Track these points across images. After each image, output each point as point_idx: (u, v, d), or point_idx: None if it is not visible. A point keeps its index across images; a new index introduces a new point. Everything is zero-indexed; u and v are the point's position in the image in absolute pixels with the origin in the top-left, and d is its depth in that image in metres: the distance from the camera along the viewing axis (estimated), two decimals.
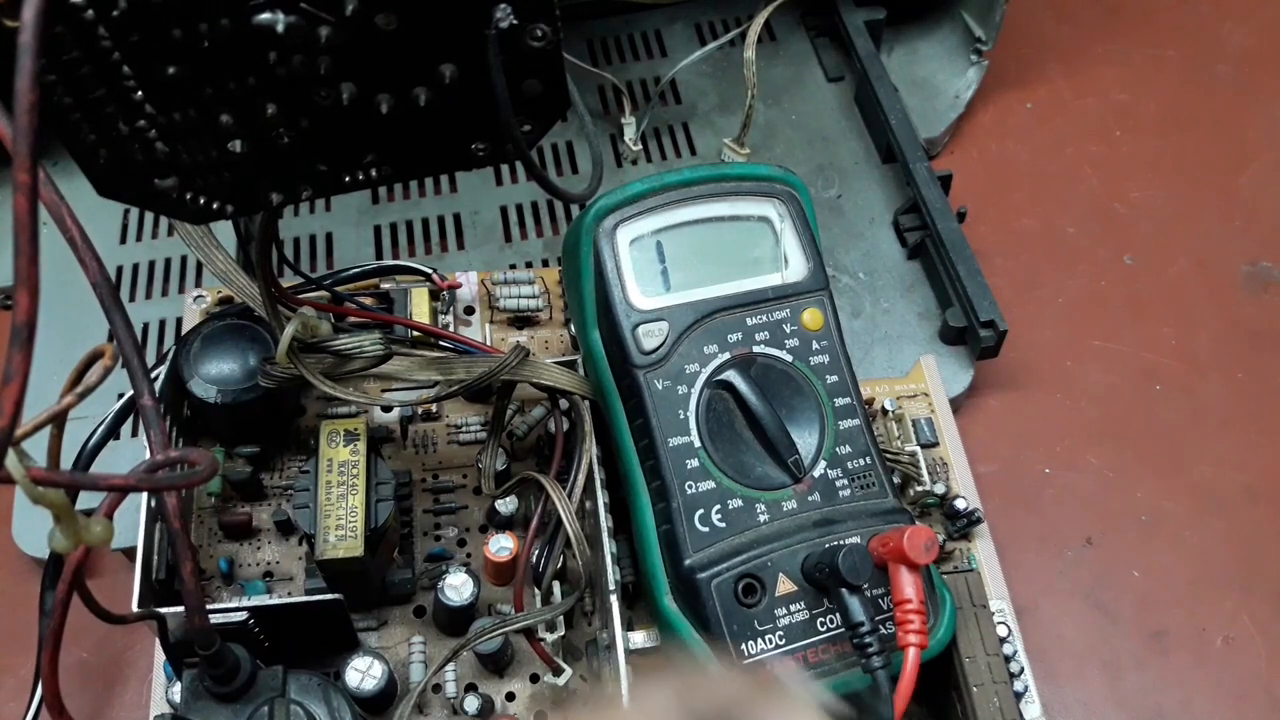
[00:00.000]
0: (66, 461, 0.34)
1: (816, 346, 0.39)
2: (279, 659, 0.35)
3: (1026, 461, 0.52)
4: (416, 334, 0.44)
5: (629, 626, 0.37)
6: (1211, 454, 0.52)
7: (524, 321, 0.48)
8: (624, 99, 0.59)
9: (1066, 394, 0.54)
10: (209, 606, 0.33)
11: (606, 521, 0.38)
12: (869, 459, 0.38)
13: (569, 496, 0.39)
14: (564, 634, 0.38)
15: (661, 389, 0.37)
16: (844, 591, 0.34)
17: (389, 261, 0.50)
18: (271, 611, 0.36)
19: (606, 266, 0.38)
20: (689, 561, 0.35)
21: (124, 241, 0.56)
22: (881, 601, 0.35)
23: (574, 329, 0.43)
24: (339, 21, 0.25)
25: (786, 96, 0.63)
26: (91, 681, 0.45)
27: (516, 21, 0.26)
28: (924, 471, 0.45)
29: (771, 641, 0.35)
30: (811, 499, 0.37)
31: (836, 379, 0.39)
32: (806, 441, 0.37)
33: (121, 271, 0.55)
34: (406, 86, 0.27)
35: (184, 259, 0.55)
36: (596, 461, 0.40)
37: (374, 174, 0.29)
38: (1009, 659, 0.39)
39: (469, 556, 0.42)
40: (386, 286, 0.47)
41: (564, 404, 0.42)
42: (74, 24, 0.23)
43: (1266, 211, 0.61)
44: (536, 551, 0.39)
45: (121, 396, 0.41)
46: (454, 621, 0.39)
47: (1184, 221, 0.61)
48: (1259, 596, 0.48)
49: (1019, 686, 0.40)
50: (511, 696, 0.39)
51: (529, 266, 0.55)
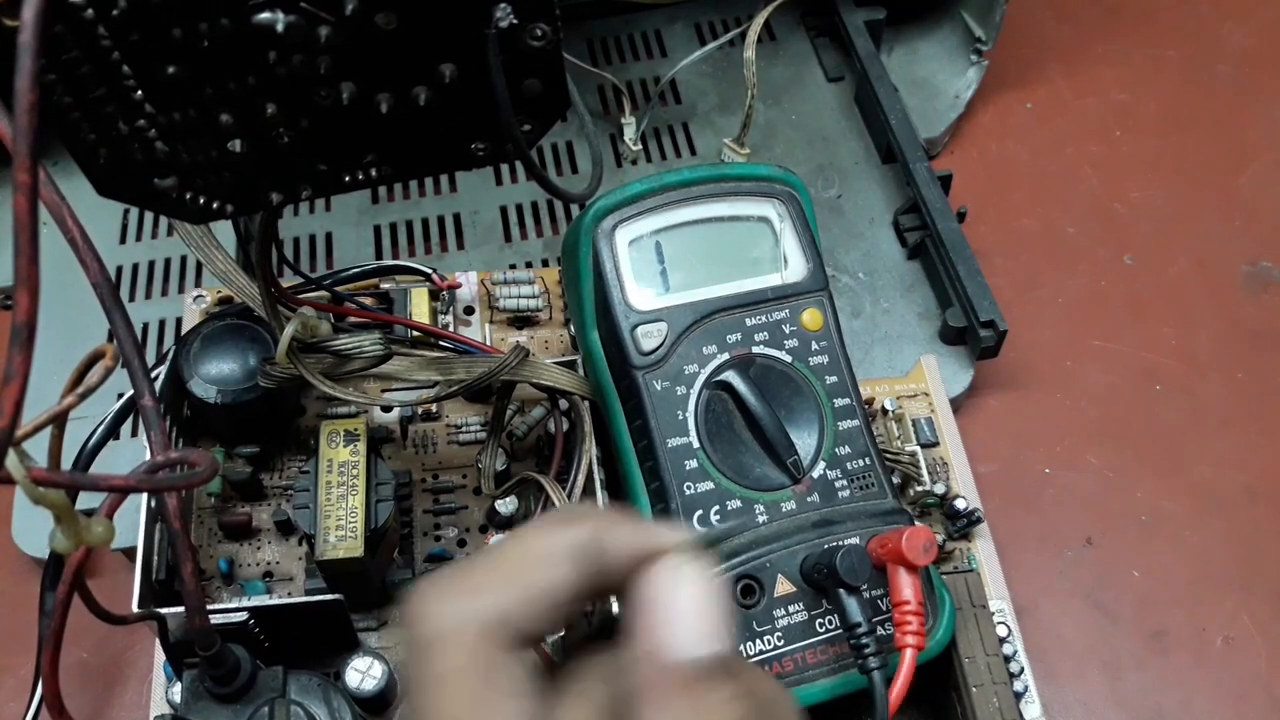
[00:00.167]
0: (66, 461, 0.34)
1: (816, 347, 0.39)
2: (279, 659, 0.35)
3: (1026, 461, 0.52)
4: (416, 334, 0.44)
5: None
6: (1211, 454, 0.52)
7: (524, 321, 0.48)
8: (624, 99, 0.59)
9: (1066, 394, 0.54)
10: (209, 607, 0.33)
11: None
12: (868, 460, 0.38)
13: (569, 497, 0.39)
14: (563, 634, 0.38)
15: (660, 390, 0.37)
16: (842, 592, 0.34)
17: (389, 261, 0.50)
18: (271, 612, 0.36)
19: (606, 267, 0.38)
20: None
21: (124, 241, 0.56)
22: (880, 602, 0.35)
23: (573, 329, 0.43)
24: (339, 21, 0.25)
25: (786, 96, 0.63)
26: (91, 681, 0.45)
27: (516, 21, 0.26)
28: (924, 471, 0.45)
29: (770, 642, 0.35)
30: (810, 500, 0.37)
31: (836, 379, 0.39)
32: (806, 442, 0.37)
33: (121, 271, 0.55)
34: (406, 86, 0.27)
35: (184, 259, 0.55)
36: (596, 462, 0.40)
37: (374, 174, 0.29)
38: (1009, 659, 0.39)
39: (469, 557, 0.42)
40: (386, 286, 0.47)
41: (564, 404, 0.42)
42: (74, 24, 0.23)
43: (1266, 211, 0.61)
44: None
45: (121, 396, 0.41)
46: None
47: (1184, 221, 0.61)
48: (1259, 596, 0.48)
49: (1019, 686, 0.40)
50: None
51: (529, 266, 0.55)
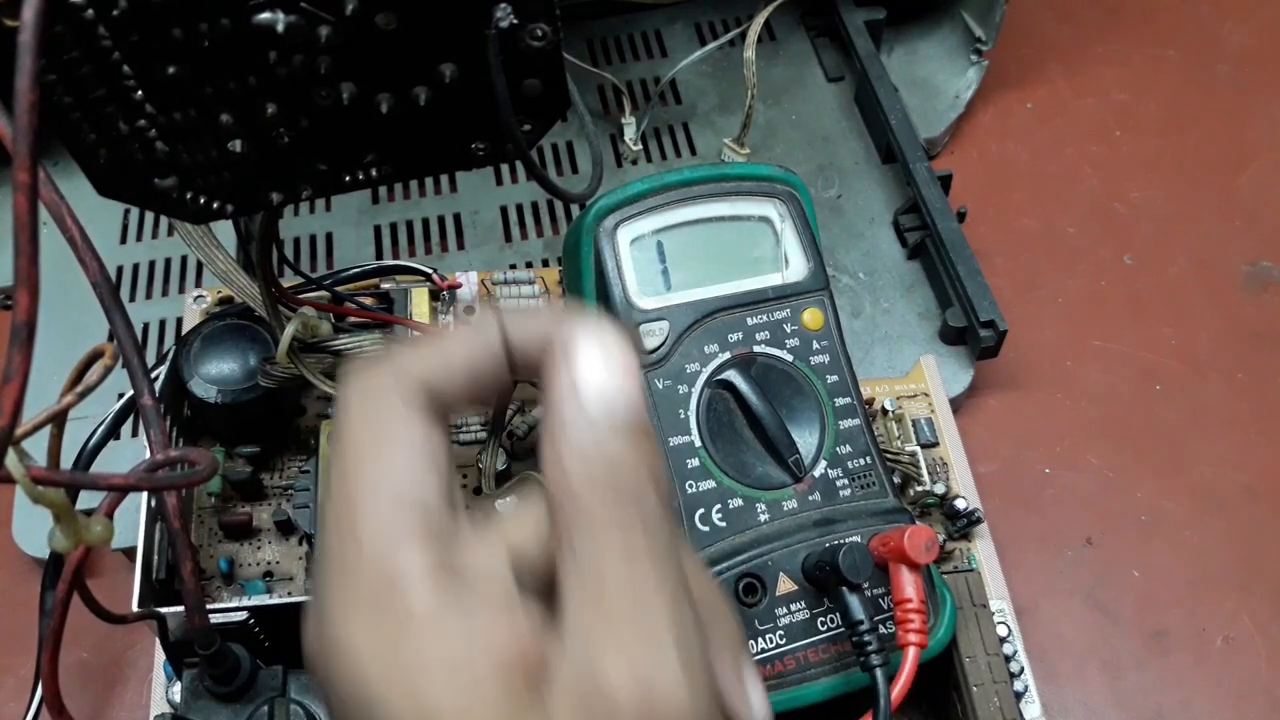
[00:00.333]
0: (66, 461, 0.34)
1: (817, 346, 0.39)
2: (279, 659, 0.35)
3: (1026, 461, 0.52)
4: (416, 334, 0.44)
5: None
6: (1211, 454, 0.52)
7: None
8: (624, 99, 0.59)
9: (1066, 394, 0.54)
10: (209, 606, 0.33)
11: None
12: (869, 459, 0.38)
13: None
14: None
15: (662, 388, 0.37)
16: (844, 590, 0.34)
17: (389, 261, 0.50)
18: (271, 611, 0.36)
19: (607, 266, 0.38)
20: None
21: (124, 241, 0.56)
22: (881, 601, 0.35)
23: None
24: (339, 21, 0.25)
25: (786, 96, 0.63)
26: (91, 681, 0.45)
27: (516, 21, 0.26)
28: (924, 471, 0.45)
29: (772, 640, 0.35)
30: (812, 499, 0.37)
31: (837, 379, 0.39)
32: (807, 441, 0.37)
33: (121, 271, 0.55)
34: (406, 86, 0.27)
35: (184, 259, 0.55)
36: None
37: (374, 174, 0.29)
38: (1009, 659, 0.39)
39: None
40: (386, 286, 0.47)
41: None
42: (74, 24, 0.23)
43: (1266, 211, 0.61)
44: None
45: (122, 396, 0.41)
46: None
47: (1184, 221, 0.61)
48: (1259, 596, 0.48)
49: (1019, 686, 0.40)
50: None
51: (529, 266, 0.55)
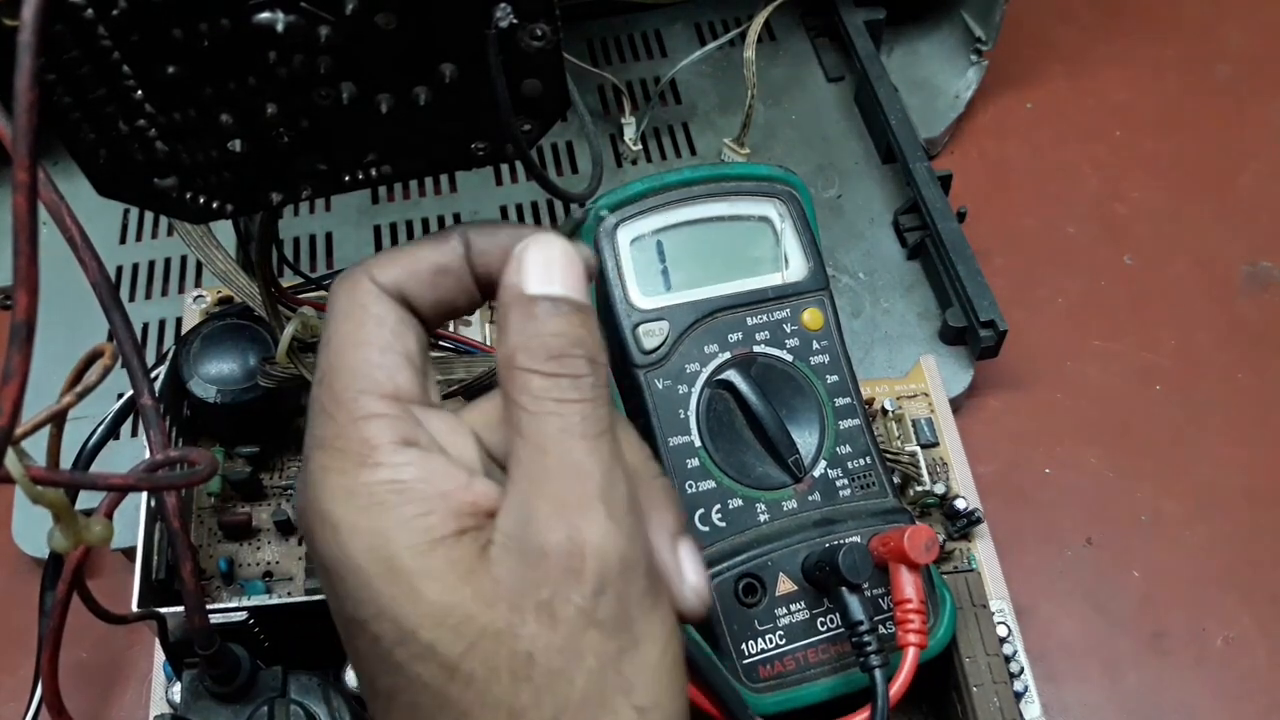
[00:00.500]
0: (66, 461, 0.34)
1: (817, 346, 0.39)
2: (279, 659, 0.35)
3: (1026, 461, 0.52)
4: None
5: None
6: (1211, 454, 0.52)
7: None
8: (624, 99, 0.59)
9: (1066, 394, 0.54)
10: (209, 606, 0.33)
11: None
12: (869, 459, 0.38)
13: None
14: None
15: (662, 388, 0.37)
16: (844, 590, 0.34)
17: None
18: (271, 611, 0.36)
19: (607, 266, 0.38)
20: None
21: (124, 241, 0.56)
22: (881, 601, 0.35)
23: None
24: (339, 21, 0.25)
25: (786, 96, 0.63)
26: (91, 681, 0.45)
27: (516, 21, 0.26)
28: (924, 471, 0.45)
29: (771, 641, 0.35)
30: (812, 499, 0.37)
31: (837, 379, 0.39)
32: (807, 441, 0.37)
33: (121, 271, 0.55)
34: (406, 86, 0.27)
35: (184, 259, 0.55)
36: None
37: (374, 174, 0.29)
38: (1009, 659, 0.39)
39: None
40: None
41: None
42: (74, 23, 0.23)
43: (1266, 211, 0.61)
44: None
45: (121, 396, 0.41)
46: None
47: (1184, 221, 0.61)
48: (1259, 596, 0.48)
49: (1019, 686, 0.40)
50: None
51: None
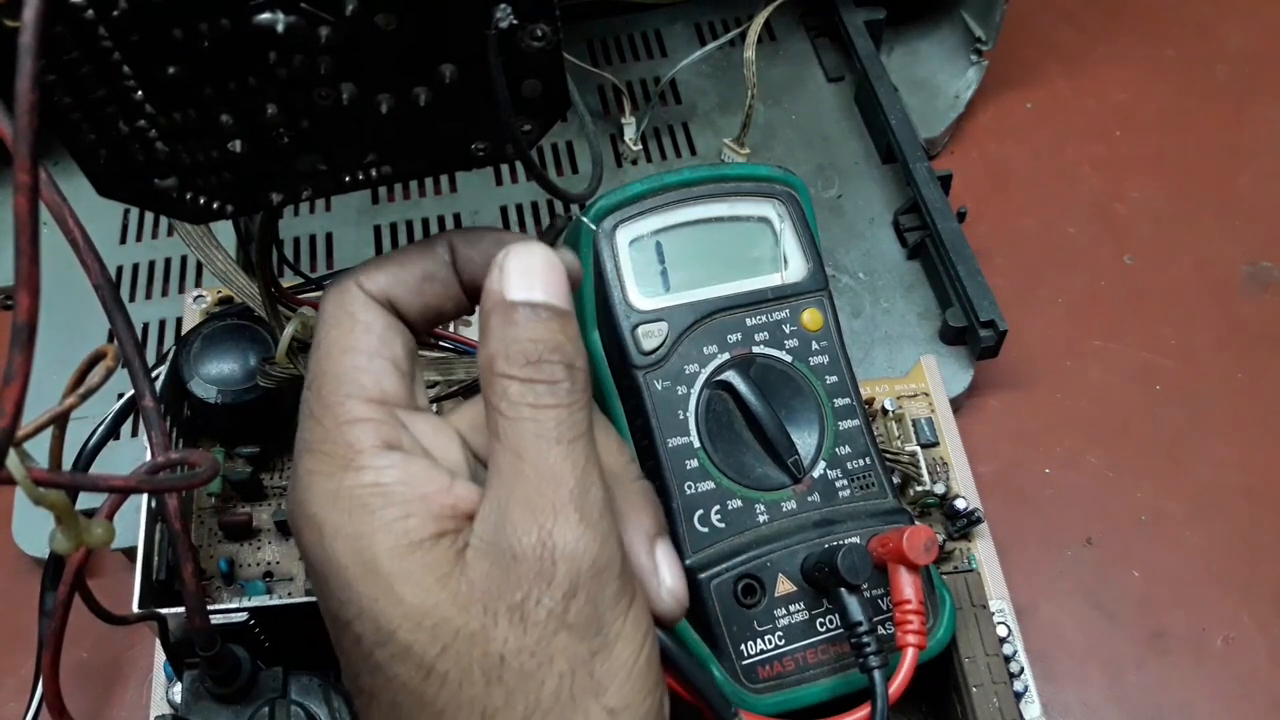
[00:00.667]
0: (67, 462, 0.34)
1: (816, 347, 0.39)
2: (279, 660, 0.35)
3: (1026, 461, 0.52)
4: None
5: None
6: (1211, 454, 0.52)
7: None
8: (624, 99, 0.59)
9: (1066, 394, 0.54)
10: (209, 607, 0.33)
11: None
12: (869, 459, 0.38)
13: None
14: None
15: (661, 389, 0.37)
16: (843, 591, 0.34)
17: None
18: (272, 612, 0.36)
19: (606, 267, 0.38)
20: (688, 562, 0.35)
21: (124, 241, 0.56)
22: (881, 602, 0.35)
23: None
24: (339, 21, 0.25)
25: (786, 96, 0.63)
26: (91, 682, 0.45)
27: (516, 21, 0.26)
28: (924, 471, 0.45)
29: (771, 642, 0.35)
30: (811, 499, 0.37)
31: (836, 379, 0.39)
32: (806, 442, 0.37)
33: (121, 271, 0.55)
34: (406, 86, 0.27)
35: (184, 259, 0.55)
36: None
37: (374, 174, 0.29)
38: (1009, 659, 0.39)
39: None
40: None
41: None
42: (74, 24, 0.23)
43: (1266, 211, 0.61)
44: None
45: (122, 397, 0.41)
46: None
47: (1184, 221, 0.61)
48: (1259, 596, 0.48)
49: (1019, 686, 0.40)
50: None
51: None
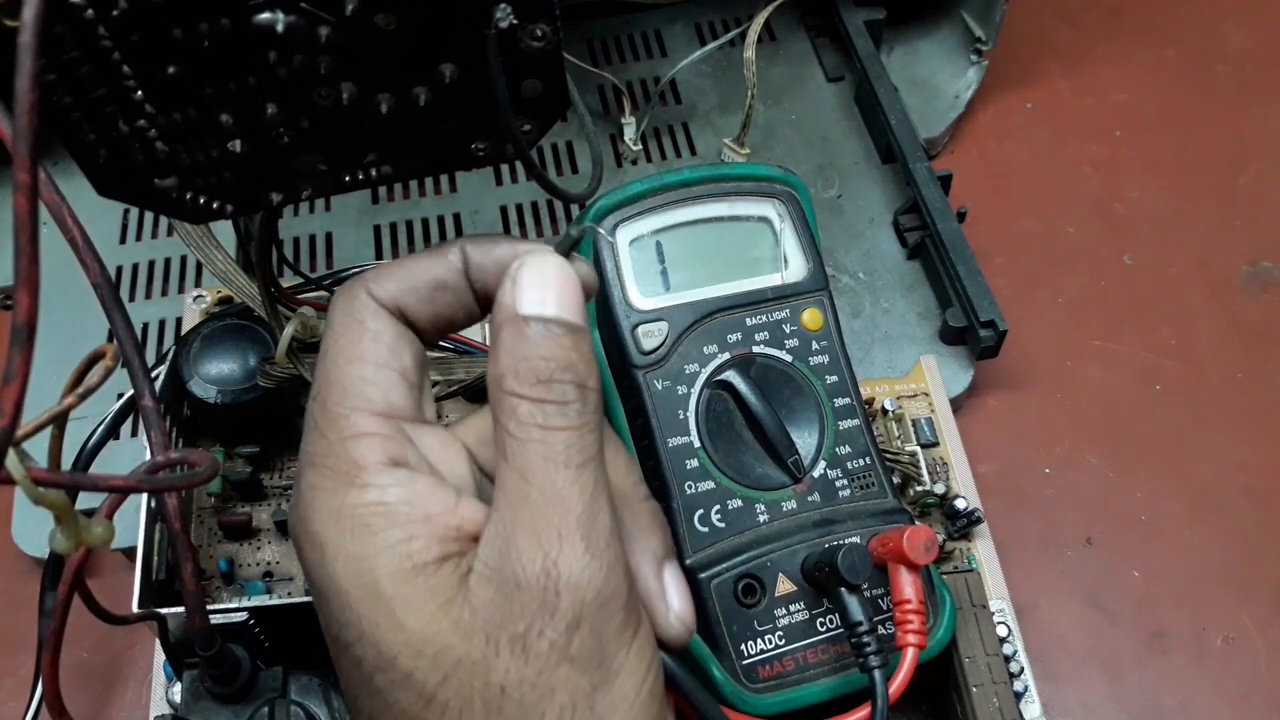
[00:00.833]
0: (66, 462, 0.34)
1: (816, 347, 0.39)
2: (279, 659, 0.35)
3: (1026, 461, 0.52)
4: None
5: None
6: (1211, 454, 0.52)
7: None
8: (624, 99, 0.59)
9: (1066, 394, 0.54)
10: (209, 607, 0.33)
11: None
12: (869, 459, 0.38)
13: None
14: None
15: (661, 389, 0.37)
16: (843, 591, 0.34)
17: (388, 261, 0.49)
18: (272, 612, 0.36)
19: (606, 267, 0.38)
20: (689, 562, 0.35)
21: (124, 241, 0.56)
22: (881, 602, 0.35)
23: None
24: (339, 21, 0.25)
25: (786, 96, 0.63)
26: (91, 681, 0.45)
27: (516, 21, 0.26)
28: (924, 471, 0.45)
29: (771, 642, 0.35)
30: (811, 499, 0.37)
31: (836, 379, 0.39)
32: (806, 442, 0.37)
33: (121, 271, 0.55)
34: (406, 86, 0.27)
35: (184, 259, 0.55)
36: None
37: (374, 174, 0.29)
38: (1009, 659, 0.39)
39: None
40: None
41: None
42: (74, 24, 0.23)
43: (1266, 211, 0.61)
44: None
45: (121, 396, 0.41)
46: None
47: (1184, 221, 0.61)
48: (1259, 596, 0.48)
49: (1019, 686, 0.40)
50: None
51: None
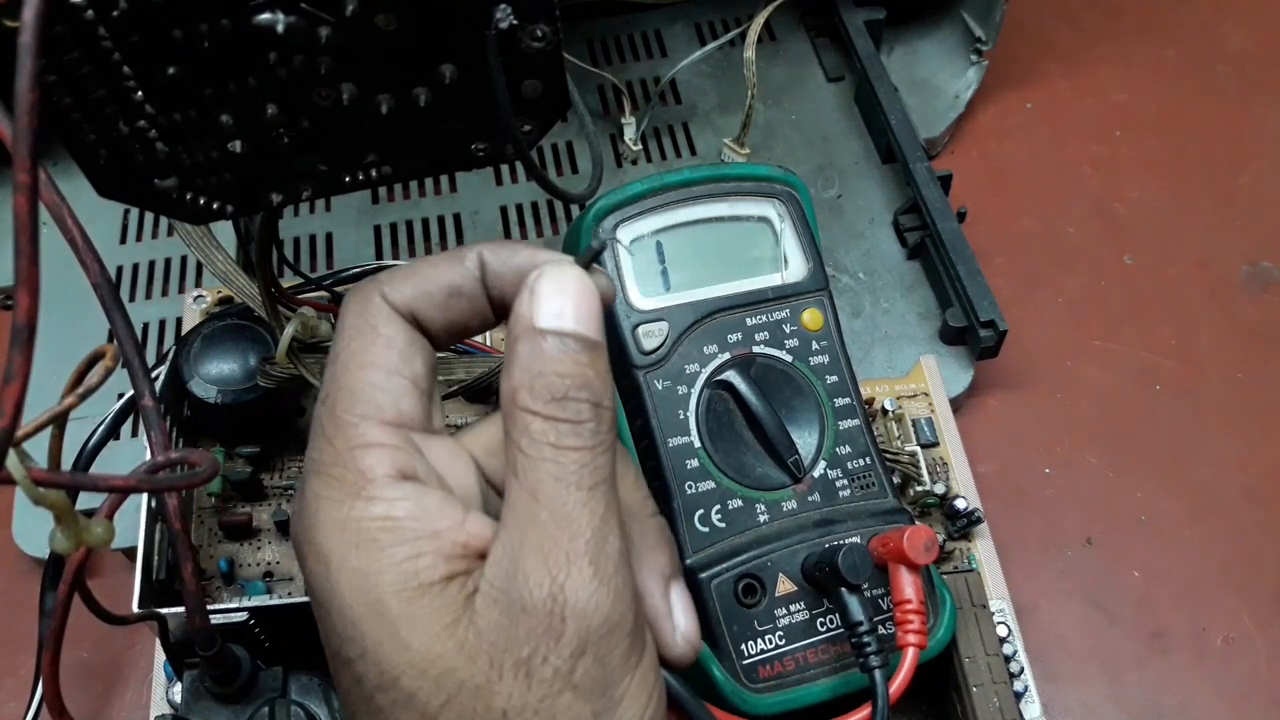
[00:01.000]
0: (66, 462, 0.34)
1: (816, 347, 0.39)
2: (279, 659, 0.35)
3: (1026, 461, 0.52)
4: None
5: None
6: (1211, 454, 0.52)
7: None
8: (624, 99, 0.59)
9: (1066, 394, 0.54)
10: (209, 607, 0.33)
11: None
12: (869, 459, 0.38)
13: None
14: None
15: (661, 389, 0.37)
16: (843, 591, 0.34)
17: (389, 261, 0.50)
18: (272, 612, 0.36)
19: (606, 267, 0.38)
20: (689, 562, 0.35)
21: (124, 241, 0.56)
22: (881, 601, 0.35)
23: None
24: (339, 22, 0.25)
25: (786, 96, 0.63)
26: (91, 681, 0.45)
27: (516, 22, 0.26)
28: (924, 471, 0.45)
29: (771, 641, 0.35)
30: (811, 499, 0.37)
31: (836, 379, 0.39)
32: (806, 442, 0.37)
33: (121, 271, 0.55)
34: (406, 87, 0.27)
35: (184, 259, 0.55)
36: None
37: (374, 174, 0.29)
38: (1009, 659, 0.39)
39: None
40: None
41: None
42: (74, 24, 0.23)
43: (1266, 211, 0.61)
44: None
45: (121, 396, 0.41)
46: None
47: (1184, 221, 0.61)
48: (1259, 596, 0.48)
49: (1019, 686, 0.40)
50: None
51: None
